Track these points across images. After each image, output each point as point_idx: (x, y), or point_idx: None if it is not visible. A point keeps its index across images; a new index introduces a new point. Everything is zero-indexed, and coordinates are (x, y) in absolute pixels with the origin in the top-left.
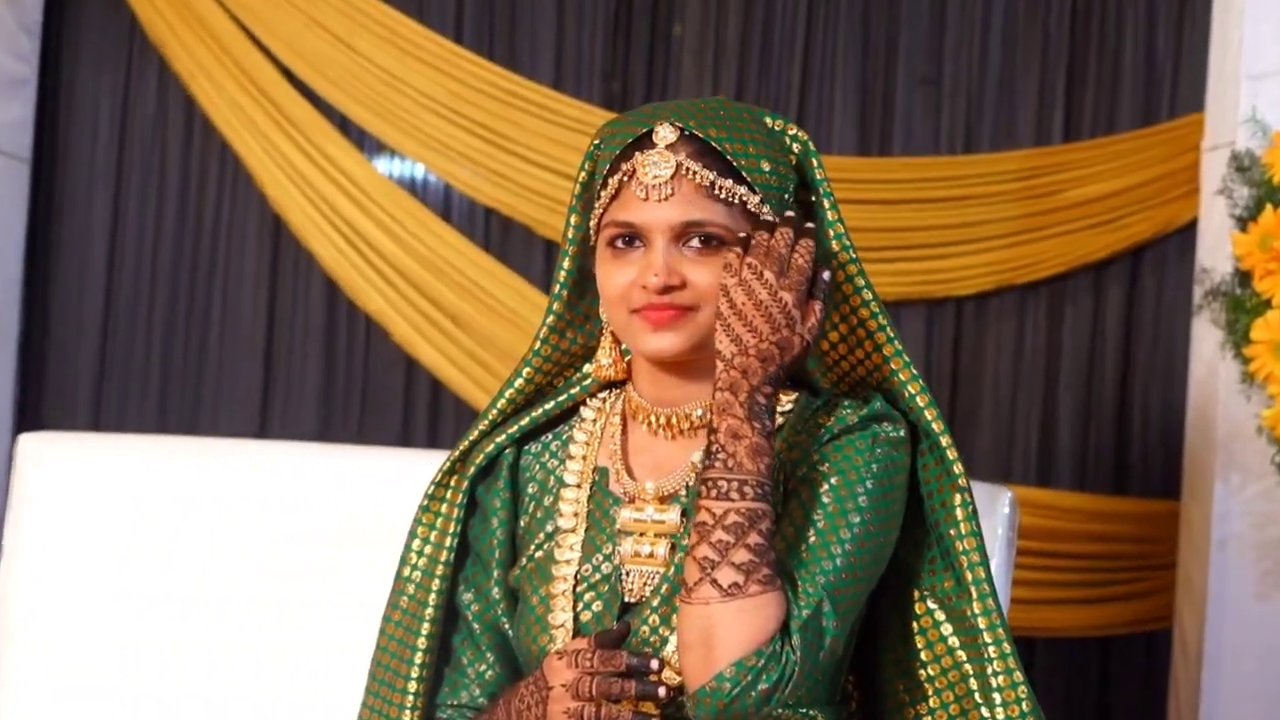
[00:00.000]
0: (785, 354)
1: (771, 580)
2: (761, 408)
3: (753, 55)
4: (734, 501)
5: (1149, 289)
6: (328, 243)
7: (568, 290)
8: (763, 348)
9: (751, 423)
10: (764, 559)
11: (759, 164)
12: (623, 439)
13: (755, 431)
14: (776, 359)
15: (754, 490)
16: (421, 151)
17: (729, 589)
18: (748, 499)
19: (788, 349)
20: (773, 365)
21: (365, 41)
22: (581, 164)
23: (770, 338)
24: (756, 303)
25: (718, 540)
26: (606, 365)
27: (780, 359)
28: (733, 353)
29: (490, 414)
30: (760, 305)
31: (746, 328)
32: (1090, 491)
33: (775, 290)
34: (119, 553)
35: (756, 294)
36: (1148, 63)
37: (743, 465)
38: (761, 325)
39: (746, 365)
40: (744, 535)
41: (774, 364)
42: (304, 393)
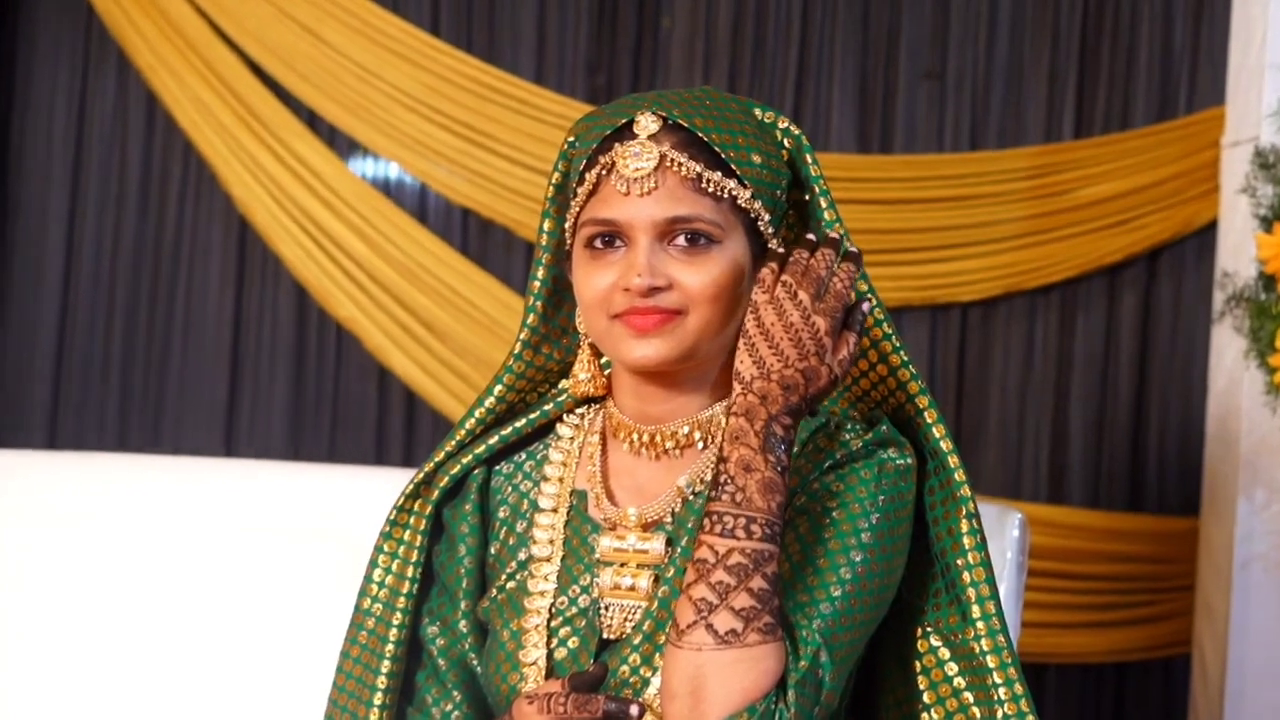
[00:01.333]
0: (810, 384)
1: (772, 630)
2: (778, 439)
3: (746, 46)
4: (739, 540)
5: (1166, 294)
6: (297, 247)
7: (543, 301)
8: (787, 374)
9: (766, 455)
10: (767, 606)
11: (749, 156)
12: (602, 459)
13: (769, 465)
14: (801, 389)
15: (762, 530)
16: (395, 150)
17: (725, 636)
18: (754, 539)
19: (814, 379)
20: (795, 395)
21: (336, 34)
22: (555, 163)
23: (797, 364)
24: (786, 324)
25: (718, 581)
26: (584, 380)
27: (804, 389)
28: (753, 375)
29: (458, 433)
30: (790, 328)
31: (772, 350)
32: (1104, 509)
33: (809, 314)
34: (77, 577)
35: (788, 315)
36: (1164, 54)
37: (752, 501)
38: (789, 350)
39: (767, 391)
40: (747, 578)
41: (797, 394)
42: (272, 405)
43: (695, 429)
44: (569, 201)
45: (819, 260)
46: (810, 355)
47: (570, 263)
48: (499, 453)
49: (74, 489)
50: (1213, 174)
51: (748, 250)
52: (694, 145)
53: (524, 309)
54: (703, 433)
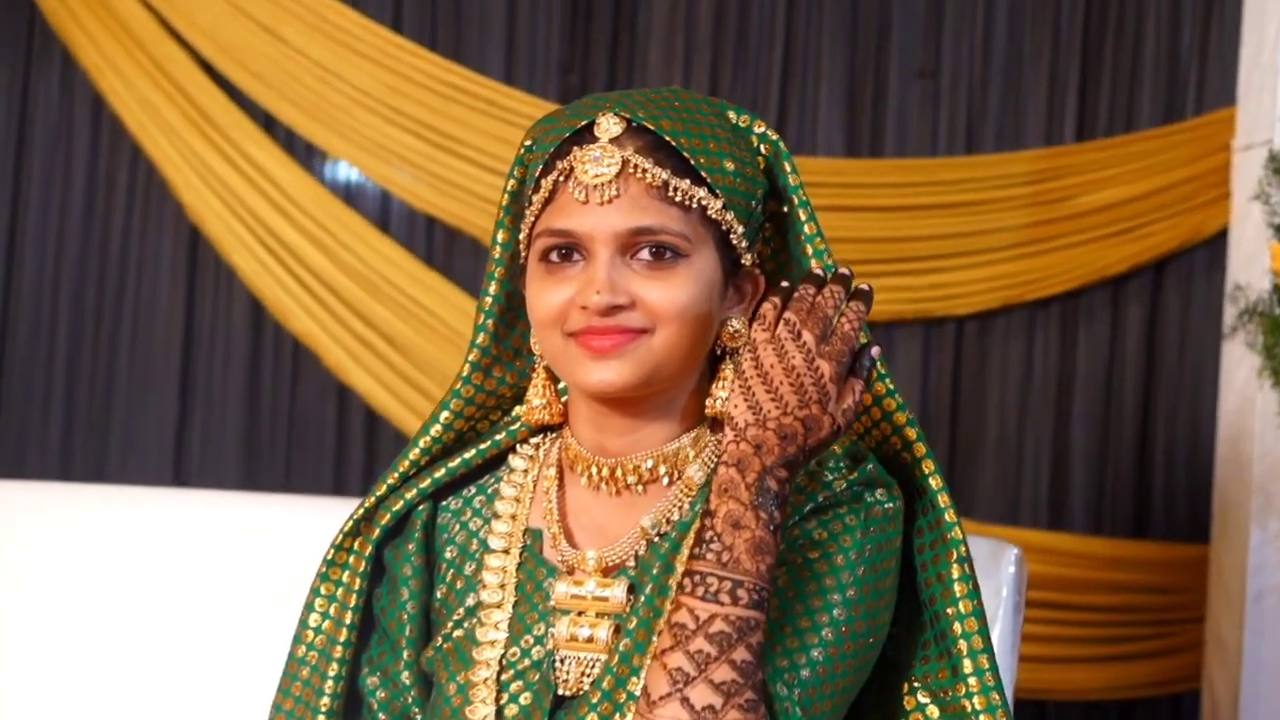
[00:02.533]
0: (810, 435)
1: (754, 707)
2: (771, 495)
3: (727, 43)
4: (723, 606)
5: (1174, 307)
6: (251, 257)
7: (494, 320)
8: (785, 422)
9: (757, 512)
10: (749, 680)
11: (721, 163)
12: (559, 495)
13: (760, 523)
14: (799, 439)
15: (749, 595)
16: (356, 154)
17: (702, 712)
18: (740, 604)
19: (815, 429)
20: (793, 446)
21: (293, 31)
22: (510, 170)
23: (797, 412)
24: (787, 367)
25: (697, 650)
26: (538, 407)
27: (803, 440)
28: (748, 422)
29: (401, 465)
30: (791, 371)
31: (770, 395)
32: (1108, 536)
33: (812, 356)
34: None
35: (789, 357)
36: (1172, 51)
37: (739, 562)
38: (789, 395)
39: (762, 440)
40: (729, 649)
41: (795, 444)
42: (225, 425)
43: (660, 463)
44: (525, 210)
45: (826, 298)
46: (812, 402)
47: (525, 277)
48: (446, 487)
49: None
50: (1223, 179)
51: (718, 266)
52: (660, 150)
53: (473, 327)
54: (669, 467)
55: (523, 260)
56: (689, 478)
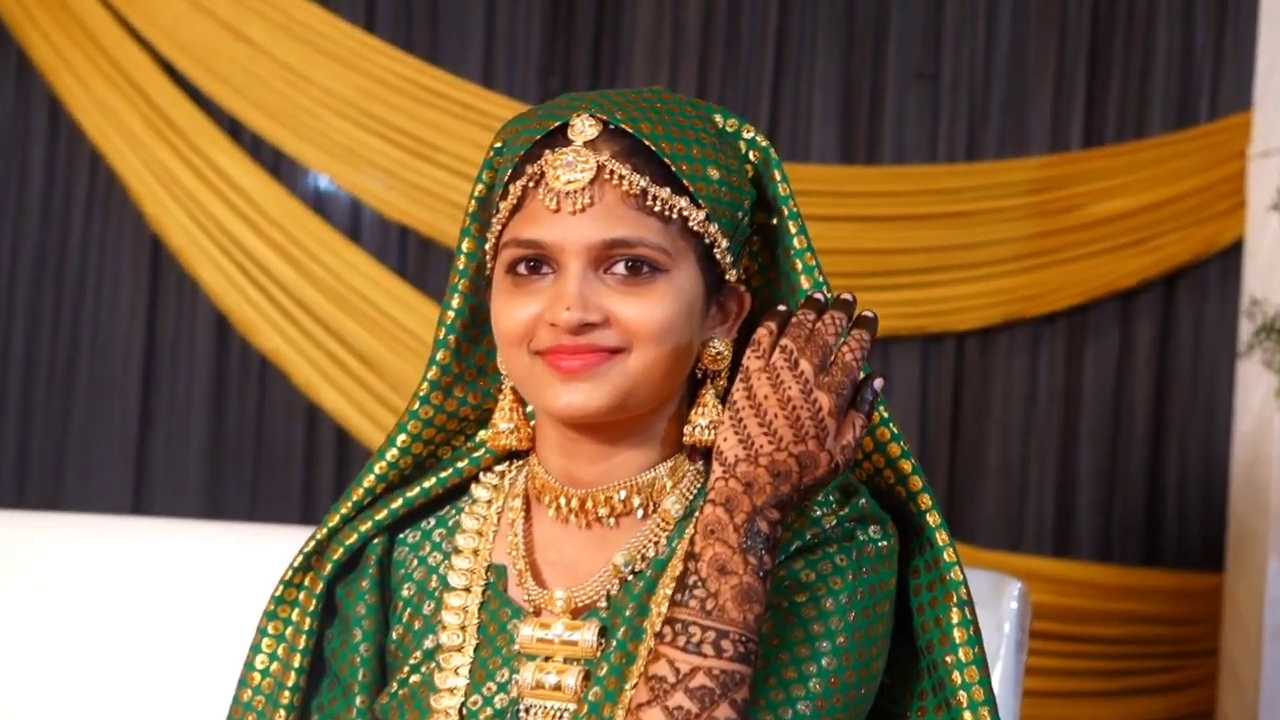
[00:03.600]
0: (806, 473)
1: None
2: (761, 538)
3: (717, 44)
4: (706, 658)
5: (1186, 323)
6: (216, 269)
7: (456, 335)
8: (779, 459)
9: (746, 556)
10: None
11: (705, 170)
12: (526, 528)
13: (748, 569)
14: (793, 477)
15: (735, 647)
16: (326, 161)
17: None
18: (725, 657)
19: (811, 467)
20: (786, 485)
21: (260, 31)
22: (478, 175)
23: (792, 448)
24: (783, 399)
25: (676, 707)
26: (505, 431)
27: (798, 478)
28: (738, 457)
29: (355, 493)
30: (786, 403)
31: (763, 429)
32: (1116, 564)
33: (810, 388)
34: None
35: (785, 388)
36: (1184, 53)
37: (725, 611)
38: (783, 429)
39: (753, 478)
40: (712, 705)
41: (788, 483)
42: (188, 447)
43: (634, 494)
44: (492, 218)
45: (827, 325)
46: (808, 438)
47: (490, 290)
48: (403, 518)
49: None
50: (1238, 188)
51: (700, 282)
52: (639, 155)
53: (434, 343)
54: (644, 499)
55: (488, 272)
56: (665, 510)
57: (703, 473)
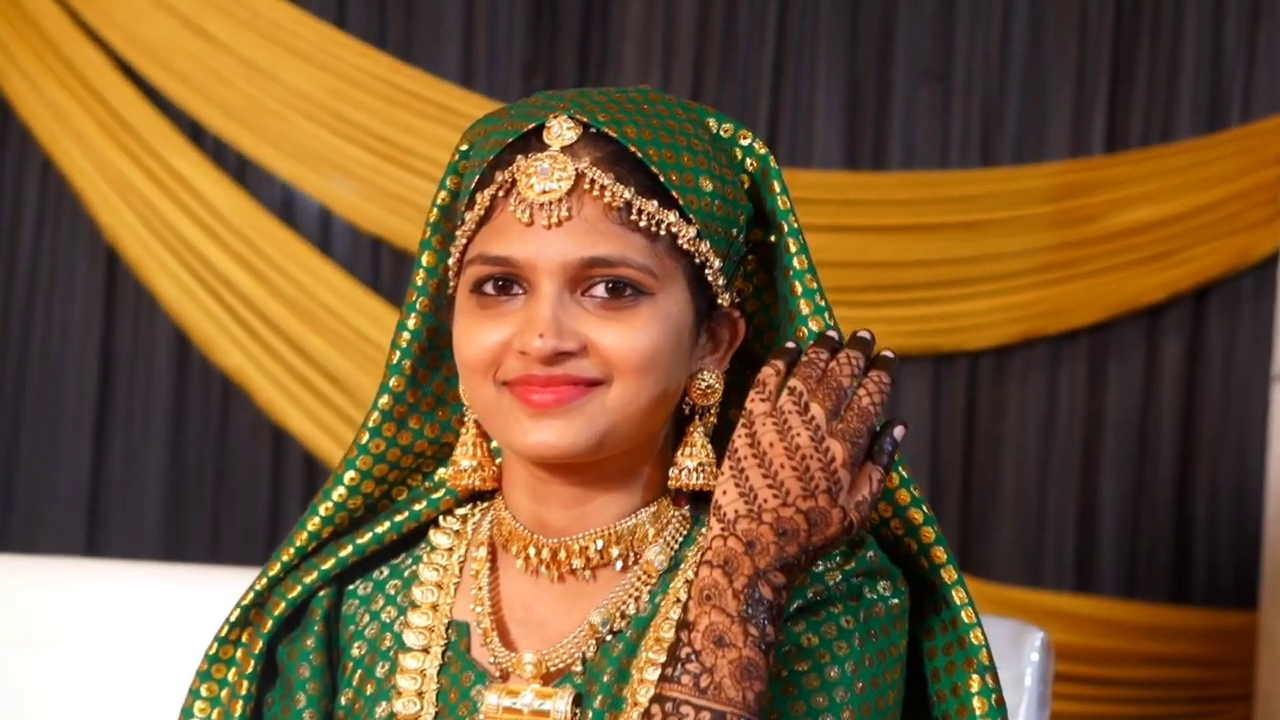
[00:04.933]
0: (815, 532)
1: None
2: (764, 606)
3: (713, 41)
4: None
5: (1217, 341)
6: (174, 283)
7: (412, 360)
8: (785, 515)
9: (746, 626)
10: None
11: (697, 181)
12: (491, 581)
13: (749, 641)
14: (802, 536)
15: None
16: (293, 166)
17: None
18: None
19: (820, 524)
20: (793, 545)
21: (222, 27)
22: (441, 180)
23: (800, 503)
24: (790, 448)
25: None
26: (467, 470)
27: (806, 537)
28: (739, 513)
29: (298, 538)
30: (795, 452)
31: (768, 481)
32: (1142, 600)
33: (822, 435)
34: None
35: (793, 435)
36: (1215, 51)
37: (722, 689)
38: (791, 482)
39: (755, 536)
40: None
41: (795, 543)
42: (145, 472)
43: (612, 543)
44: (456, 230)
45: (841, 365)
46: (819, 492)
47: (452, 312)
48: (353, 568)
49: None
50: (1273, 196)
51: (689, 306)
52: (623, 162)
53: (385, 367)
54: (623, 549)
55: (451, 289)
56: (648, 562)
57: (689, 519)
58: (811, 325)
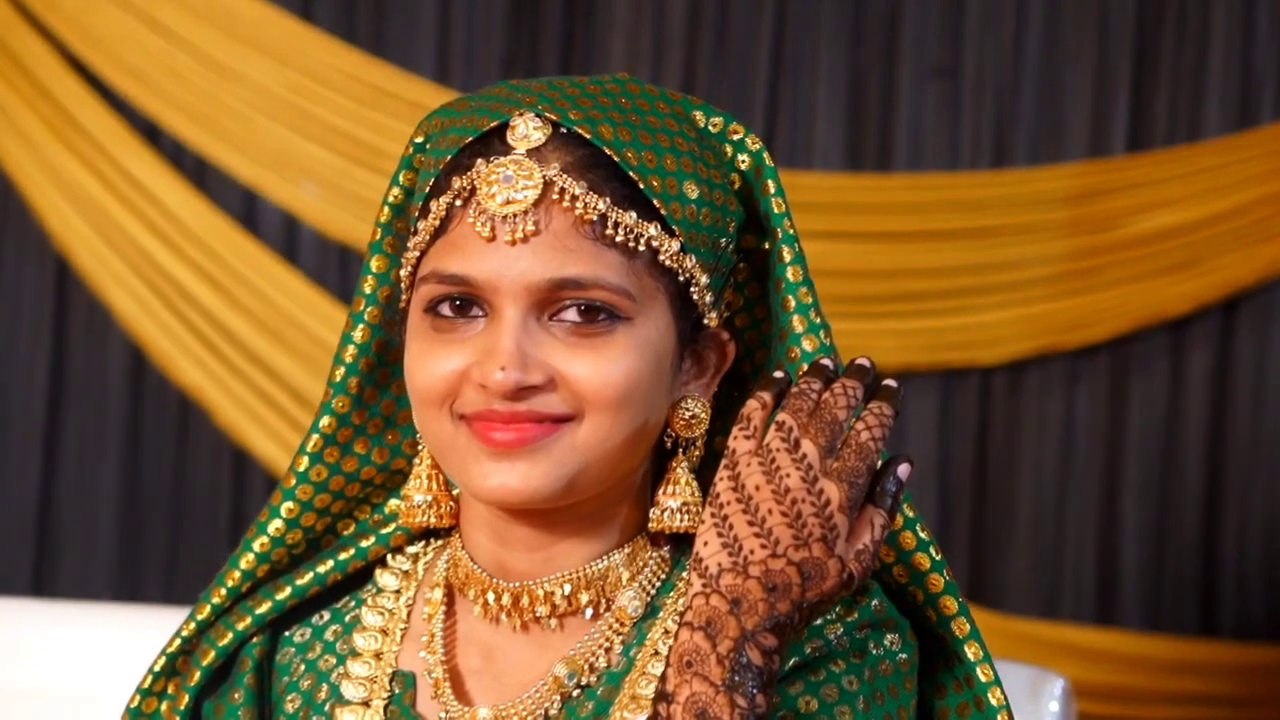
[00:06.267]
0: (810, 586)
1: None
2: (753, 672)
3: (705, 35)
4: None
5: (1247, 355)
6: (129, 295)
7: (358, 377)
8: (775, 568)
9: (733, 696)
10: None
11: (680, 187)
12: (445, 628)
13: (736, 713)
14: (794, 591)
15: None
16: (256, 170)
17: None
18: None
19: (815, 578)
20: (785, 602)
21: (180, 20)
22: (395, 175)
23: (791, 554)
24: (779, 490)
25: None
26: (421, 505)
27: (800, 593)
28: (721, 567)
29: (229, 578)
30: (784, 496)
31: (754, 529)
32: (1167, 633)
33: (815, 476)
34: None
35: (782, 476)
36: (1245, 44)
37: None
38: (780, 530)
39: (741, 593)
40: None
41: (787, 600)
42: (97, 497)
43: (581, 589)
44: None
45: (836, 396)
46: (813, 541)
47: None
48: (291, 612)
49: None
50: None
51: (672, 329)
52: (598, 168)
53: (327, 386)
54: (593, 594)
55: (403, 303)
56: (620, 609)
57: (669, 561)
58: (805, 345)
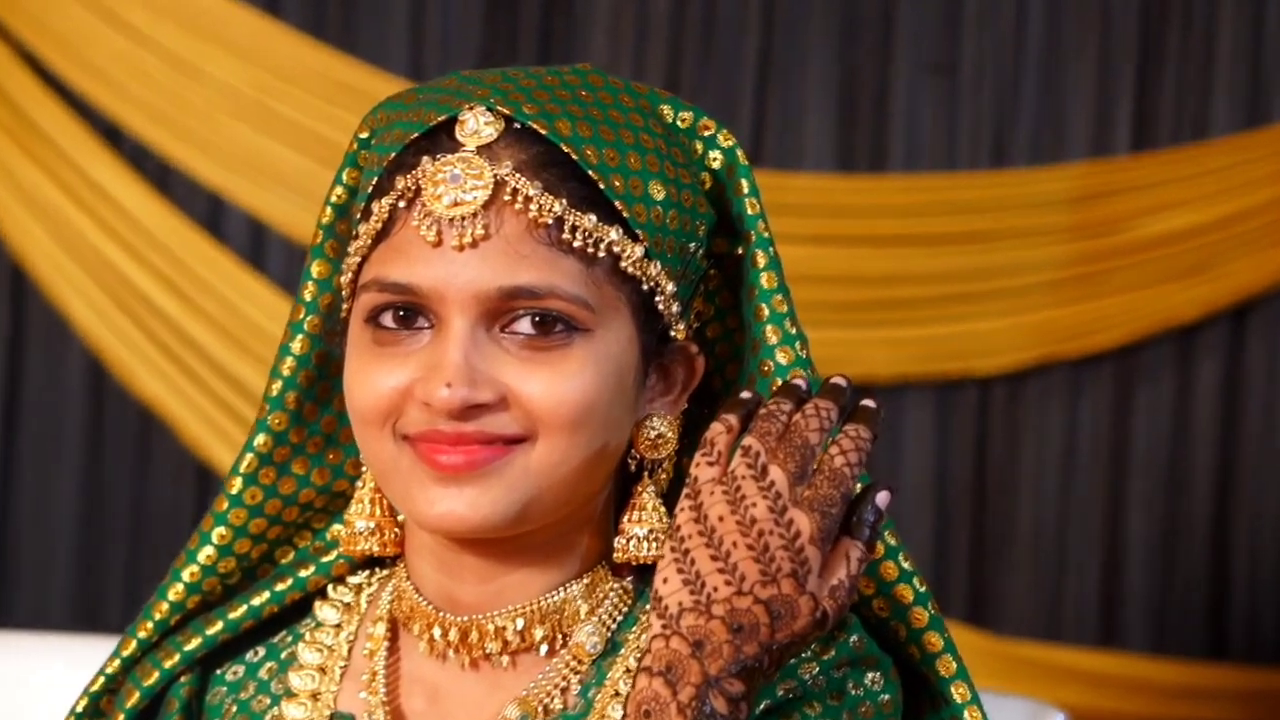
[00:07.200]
0: (780, 626)
1: None
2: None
3: (691, 31)
4: None
5: (1258, 364)
6: (88, 304)
7: (297, 392)
8: (740, 607)
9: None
10: None
11: (645, 187)
12: (389, 664)
13: None
14: (762, 632)
15: None
16: (221, 172)
17: None
18: None
19: (785, 617)
20: (751, 644)
21: (142, 16)
22: (338, 173)
23: (759, 591)
24: (745, 522)
25: None
26: (363, 532)
27: (769, 633)
28: (682, 606)
29: (156, 611)
30: (750, 527)
31: (718, 564)
32: (1174, 656)
33: (784, 506)
34: None
35: (748, 506)
36: (1254, 39)
37: None
38: (746, 565)
39: (704, 635)
40: None
41: (755, 642)
42: (53, 514)
43: (535, 623)
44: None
45: (808, 418)
46: (782, 576)
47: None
48: (224, 647)
49: None
50: None
51: (635, 342)
52: (554, 167)
53: (263, 400)
54: (549, 629)
55: (344, 312)
56: (578, 645)
57: (632, 592)
58: (779, 358)
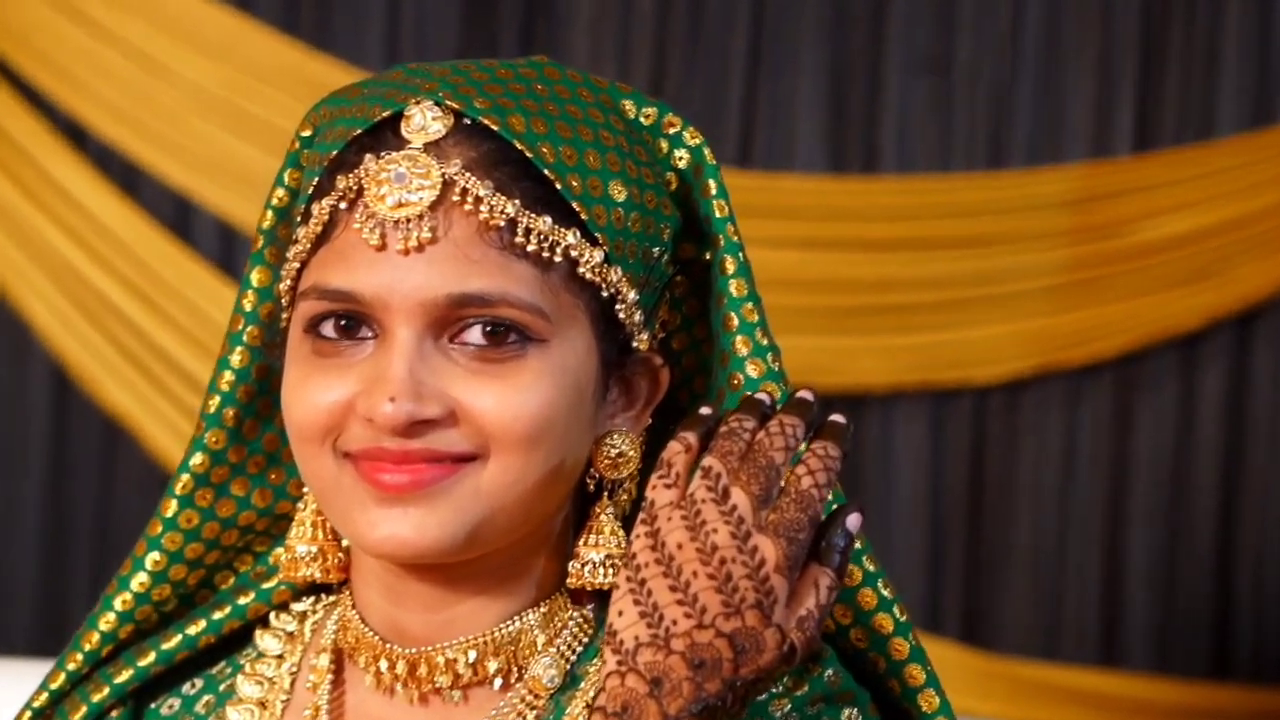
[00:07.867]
0: (744, 661)
1: None
2: None
3: (676, 30)
4: None
5: (1264, 372)
6: (51, 311)
7: (237, 408)
8: (701, 641)
9: None
10: None
11: (605, 187)
12: (333, 698)
13: None
14: (725, 668)
15: None
16: (190, 174)
17: None
18: None
19: (750, 651)
20: (714, 681)
21: (107, 13)
22: (279, 174)
23: (721, 623)
24: (705, 549)
25: None
26: (305, 558)
27: (732, 669)
28: (639, 641)
29: (86, 641)
30: (711, 555)
31: (677, 596)
32: (1177, 675)
33: (747, 531)
34: None
35: (709, 532)
36: (1260, 37)
37: None
38: (707, 595)
39: (662, 671)
40: None
41: (717, 678)
42: (15, 528)
43: (489, 655)
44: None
45: (773, 436)
46: (745, 608)
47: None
48: (158, 680)
49: None
50: None
51: (593, 354)
52: (507, 165)
53: (199, 417)
54: (503, 662)
55: (284, 321)
56: (535, 678)
57: (592, 621)
58: (749, 370)
